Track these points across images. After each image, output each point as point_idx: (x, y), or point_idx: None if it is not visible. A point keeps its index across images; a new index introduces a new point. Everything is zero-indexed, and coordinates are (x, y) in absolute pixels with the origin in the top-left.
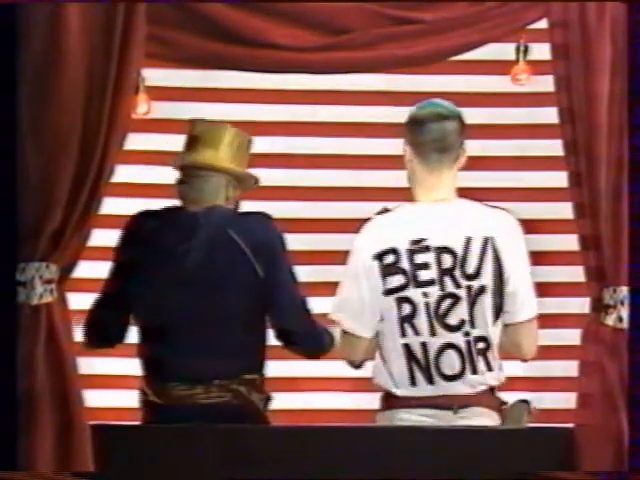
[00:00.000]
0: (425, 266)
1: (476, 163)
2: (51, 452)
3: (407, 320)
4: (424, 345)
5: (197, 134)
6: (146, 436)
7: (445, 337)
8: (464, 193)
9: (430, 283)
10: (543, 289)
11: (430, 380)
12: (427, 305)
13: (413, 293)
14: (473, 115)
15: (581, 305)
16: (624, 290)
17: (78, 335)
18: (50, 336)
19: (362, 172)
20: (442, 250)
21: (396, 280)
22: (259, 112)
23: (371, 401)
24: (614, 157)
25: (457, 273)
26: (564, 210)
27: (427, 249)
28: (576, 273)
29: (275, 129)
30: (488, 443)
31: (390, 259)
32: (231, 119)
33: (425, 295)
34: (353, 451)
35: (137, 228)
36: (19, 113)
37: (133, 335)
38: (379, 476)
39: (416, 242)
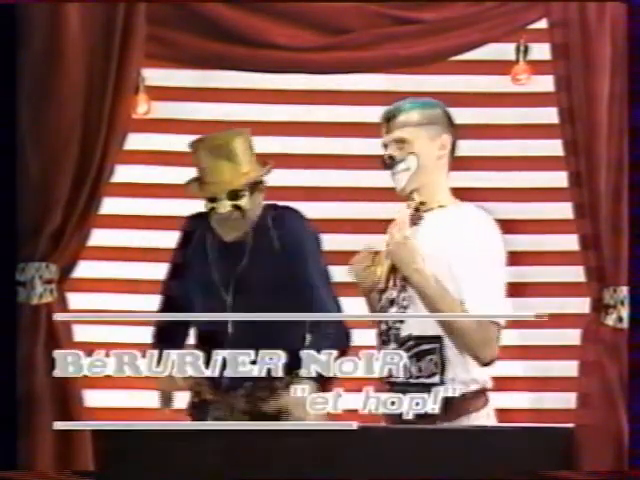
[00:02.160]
0: None
1: (476, 163)
2: (51, 452)
3: None
4: None
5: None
6: (146, 436)
7: None
8: (465, 194)
9: None
10: (543, 289)
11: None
12: None
13: None
14: (473, 115)
15: (581, 305)
16: (624, 290)
17: (78, 335)
18: (50, 336)
19: (362, 172)
20: None
21: None
22: (259, 112)
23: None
24: (614, 157)
25: None
26: (564, 210)
27: None
28: (576, 273)
29: (274, 129)
30: (488, 443)
31: None
32: (231, 119)
33: None
34: (353, 451)
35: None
36: (19, 113)
37: (131, 334)
38: (379, 476)
39: None
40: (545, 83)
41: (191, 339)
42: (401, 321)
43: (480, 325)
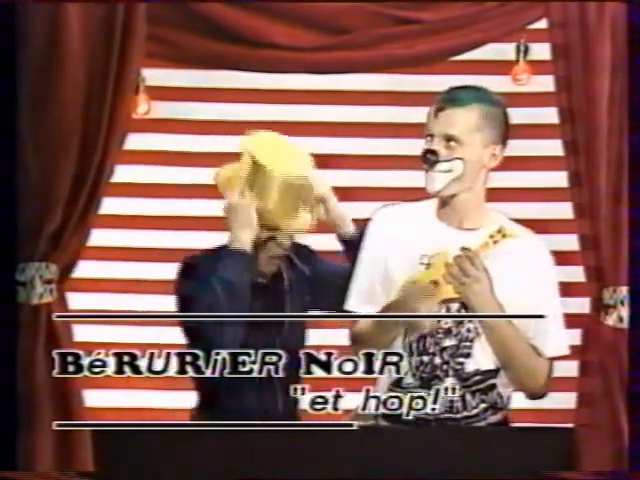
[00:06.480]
0: None
1: None
2: (51, 452)
3: None
4: None
5: None
6: (146, 436)
7: None
8: None
9: None
10: None
11: None
12: None
13: None
14: None
15: (581, 305)
16: (624, 290)
17: (78, 335)
18: (50, 336)
19: (362, 172)
20: None
21: None
22: (259, 112)
23: None
24: (614, 157)
25: None
26: (564, 210)
27: None
28: (576, 273)
29: (275, 129)
30: (488, 443)
31: None
32: (231, 119)
33: None
34: (354, 451)
35: None
36: (19, 113)
37: (131, 334)
38: (380, 476)
39: None
40: (545, 83)
41: None
42: (466, 355)
43: (536, 360)
